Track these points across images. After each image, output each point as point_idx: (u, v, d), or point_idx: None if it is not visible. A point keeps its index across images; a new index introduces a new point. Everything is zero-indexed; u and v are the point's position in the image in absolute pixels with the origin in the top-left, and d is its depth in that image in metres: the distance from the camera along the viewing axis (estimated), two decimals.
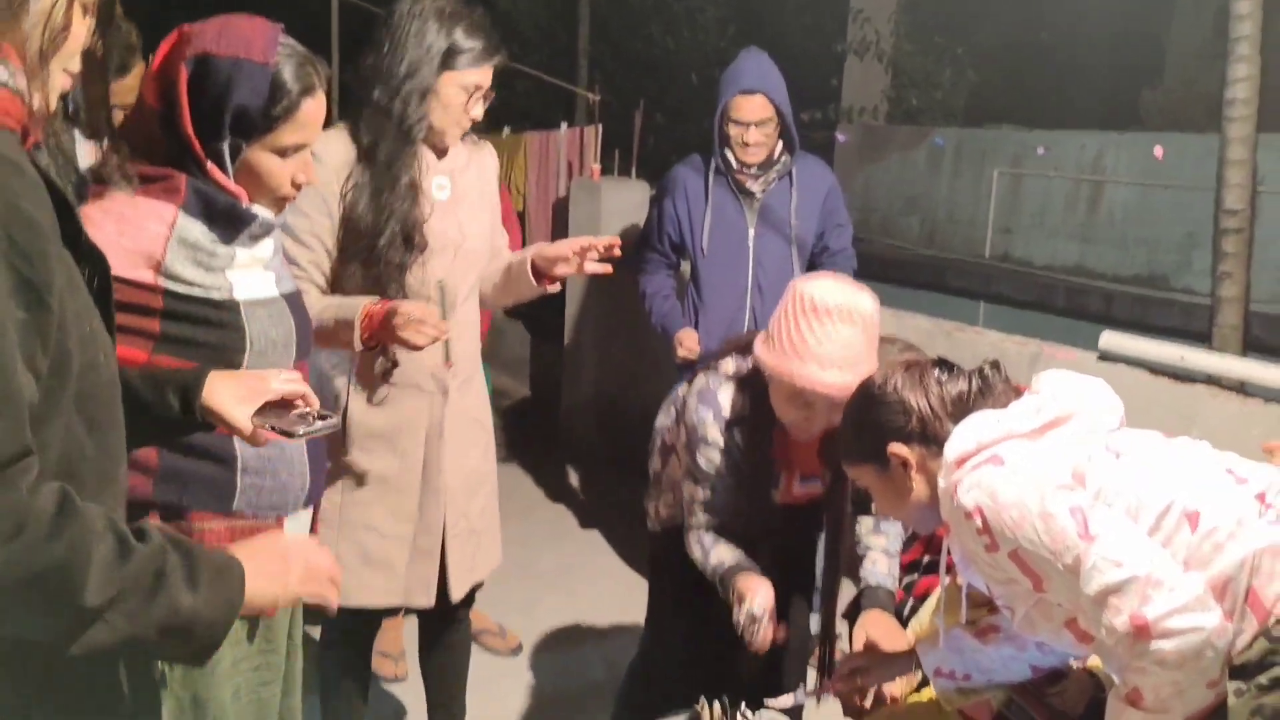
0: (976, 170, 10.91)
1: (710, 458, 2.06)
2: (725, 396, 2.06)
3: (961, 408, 1.66)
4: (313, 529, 1.68)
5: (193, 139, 1.44)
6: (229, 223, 1.46)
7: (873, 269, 10.56)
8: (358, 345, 2.04)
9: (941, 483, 1.60)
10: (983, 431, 1.58)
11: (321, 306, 2.04)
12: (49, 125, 1.03)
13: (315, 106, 1.52)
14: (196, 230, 1.45)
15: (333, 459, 2.10)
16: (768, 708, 2.12)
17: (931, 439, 1.66)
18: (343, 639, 2.37)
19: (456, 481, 2.27)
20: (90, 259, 1.07)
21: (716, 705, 1.75)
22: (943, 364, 1.74)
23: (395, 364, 2.17)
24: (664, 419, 2.37)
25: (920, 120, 12.07)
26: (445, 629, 2.46)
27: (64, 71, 1.04)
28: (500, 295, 2.37)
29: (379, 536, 2.22)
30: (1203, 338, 6.06)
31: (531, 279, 2.26)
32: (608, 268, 2.23)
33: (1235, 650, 1.45)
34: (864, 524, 2.25)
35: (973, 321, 7.88)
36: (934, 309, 4.84)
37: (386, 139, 2.08)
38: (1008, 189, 10.61)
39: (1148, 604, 1.39)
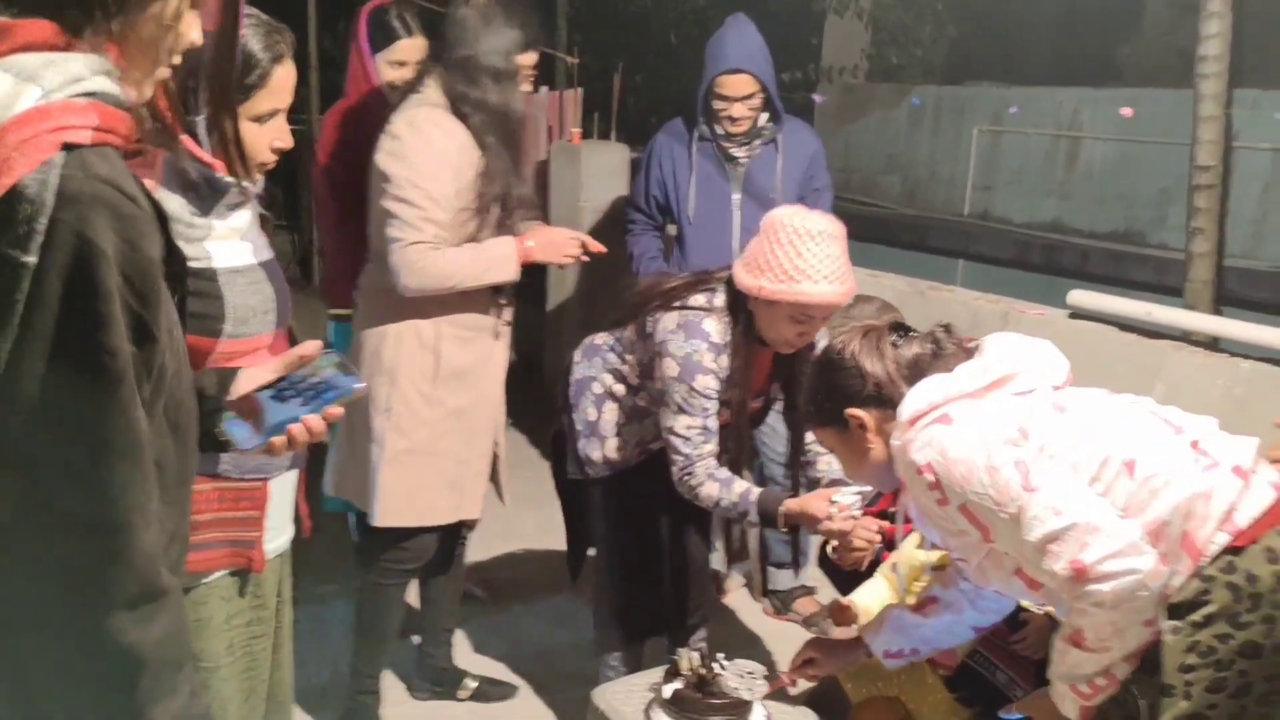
0: (956, 128, 10.93)
1: (709, 384, 2.20)
2: (712, 326, 2.20)
3: (916, 371, 1.73)
4: (299, 495, 1.73)
5: (167, 113, 1.47)
6: (206, 194, 1.49)
7: (854, 228, 10.57)
8: (516, 273, 2.46)
9: (895, 442, 1.66)
10: (933, 393, 1.64)
11: (468, 256, 2.39)
12: (143, 118, 1.04)
13: (286, 73, 1.57)
14: (174, 202, 1.48)
15: (424, 396, 2.46)
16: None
17: (887, 402, 1.73)
18: (395, 566, 2.56)
19: (501, 414, 2.65)
20: (176, 265, 1.07)
21: (696, 655, 1.82)
22: (898, 328, 1.81)
23: (512, 301, 2.58)
24: (588, 369, 2.47)
25: (900, 78, 12.06)
26: (456, 556, 2.76)
27: (166, 65, 1.05)
28: None
29: (457, 463, 2.52)
30: (1177, 293, 6.15)
31: None
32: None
33: (1171, 590, 1.53)
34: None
35: (952, 279, 7.94)
36: (914, 268, 4.89)
37: (498, 124, 2.39)
38: (987, 147, 10.64)
39: (1085, 549, 1.46)
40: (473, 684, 2.84)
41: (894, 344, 1.77)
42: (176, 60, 1.06)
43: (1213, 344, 3.43)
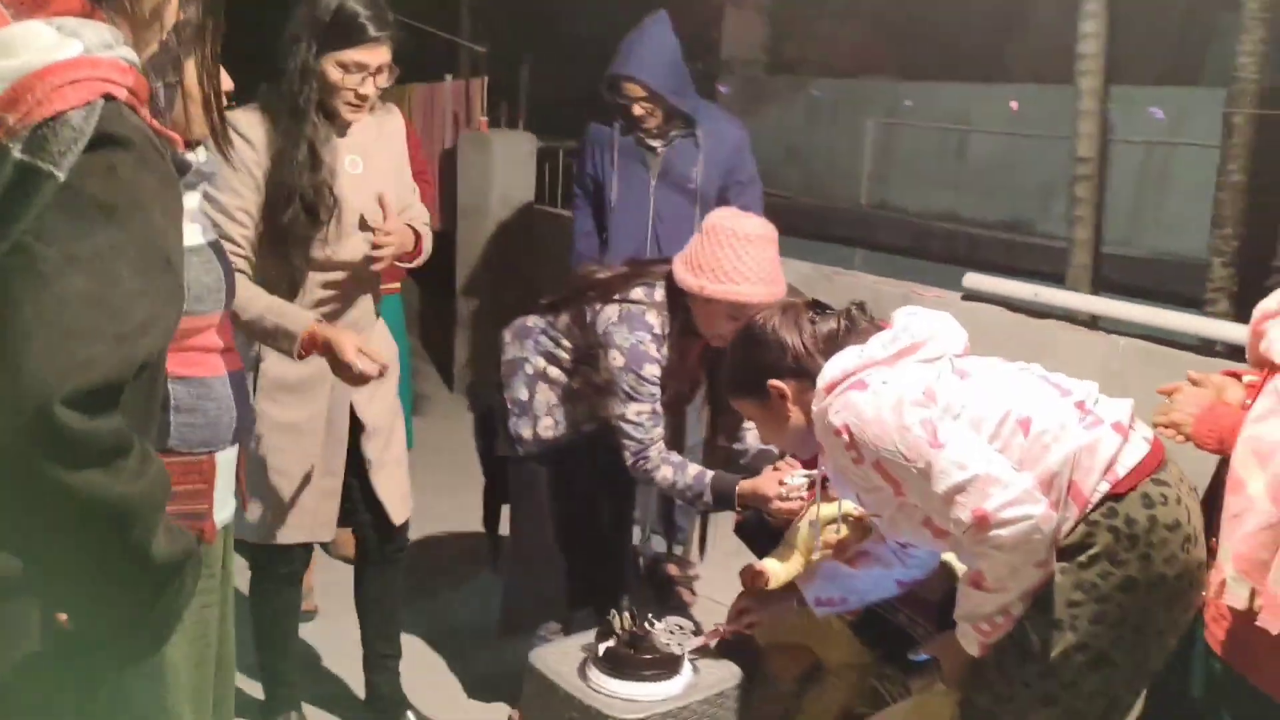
0: (852, 121, 11.24)
1: (654, 373, 2.33)
2: (653, 319, 2.33)
3: (831, 344, 1.86)
4: (239, 467, 1.77)
5: None
6: None
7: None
8: (293, 357, 2.14)
9: (815, 408, 1.79)
10: (848, 361, 1.78)
11: (263, 306, 2.13)
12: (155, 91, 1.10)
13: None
14: None
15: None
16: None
17: (805, 373, 1.86)
18: (270, 573, 2.48)
19: (374, 420, 2.43)
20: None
21: (627, 615, 1.92)
22: (816, 306, 1.94)
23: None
24: (519, 351, 2.54)
25: (798, 71, 12.33)
26: (384, 565, 2.57)
27: (160, 36, 1.12)
28: None
29: (289, 480, 2.36)
30: (1060, 278, 6.49)
31: None
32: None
33: (1061, 535, 1.69)
34: None
35: (851, 267, 8.16)
36: (815, 256, 5.05)
37: (283, 115, 2.19)
38: (882, 139, 10.97)
39: (986, 499, 1.61)
40: None
41: (811, 320, 1.90)
42: (167, 31, 1.13)
43: (1092, 323, 3.67)
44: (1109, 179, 6.86)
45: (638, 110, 3.27)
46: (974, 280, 3.74)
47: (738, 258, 2.25)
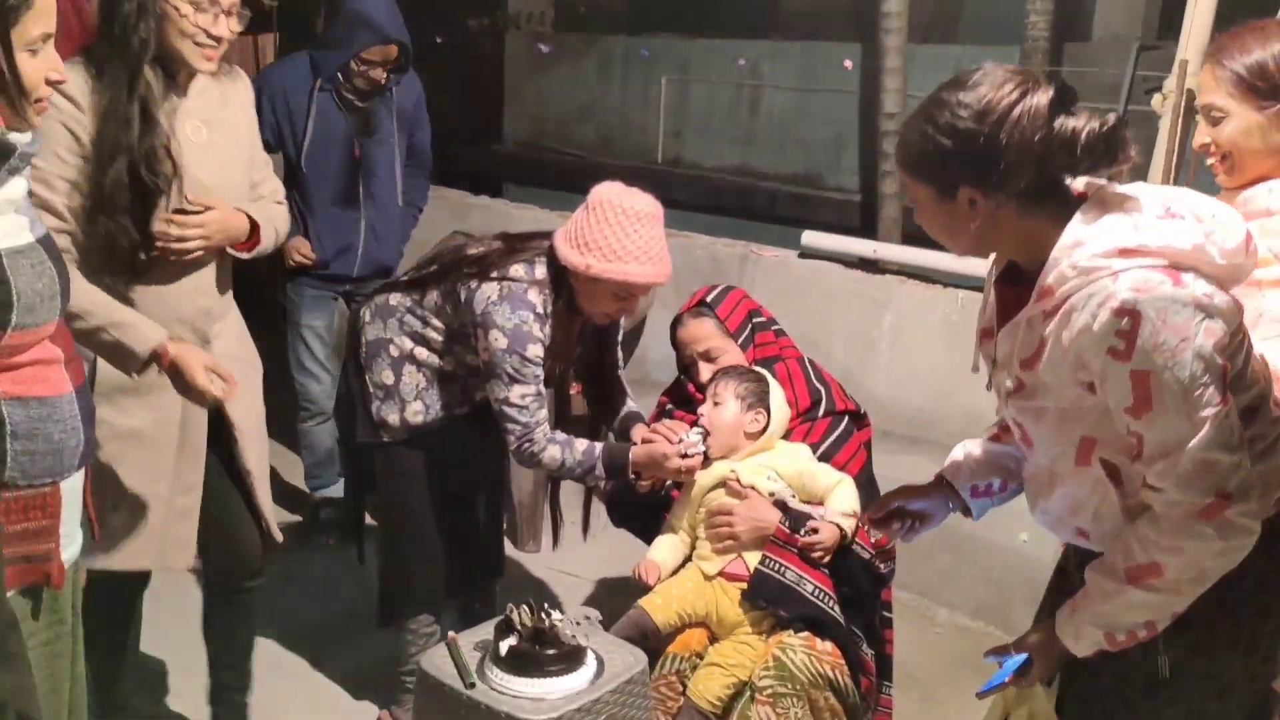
0: (645, 78, 11.25)
1: (537, 353, 2.21)
2: (535, 298, 2.20)
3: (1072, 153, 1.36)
4: (85, 489, 1.53)
5: None
6: None
7: (549, 177, 10.59)
8: (130, 376, 1.89)
9: (1093, 260, 1.34)
10: (1176, 236, 1.35)
11: (103, 318, 1.84)
12: None
13: None
14: None
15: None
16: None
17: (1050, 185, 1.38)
18: (104, 602, 2.15)
19: (241, 421, 2.16)
20: None
21: (526, 609, 1.80)
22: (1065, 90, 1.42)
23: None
24: (381, 331, 2.38)
25: (586, 28, 12.22)
26: (240, 593, 2.29)
27: None
28: None
29: (130, 497, 2.06)
30: (854, 231, 6.72)
31: None
32: None
33: None
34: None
35: None
36: None
37: (114, 64, 1.87)
38: (676, 96, 11.04)
39: (1243, 497, 1.34)
40: None
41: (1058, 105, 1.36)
42: None
43: (925, 277, 3.77)
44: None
45: (378, 73, 3.17)
46: (812, 238, 3.78)
47: (626, 235, 2.14)
